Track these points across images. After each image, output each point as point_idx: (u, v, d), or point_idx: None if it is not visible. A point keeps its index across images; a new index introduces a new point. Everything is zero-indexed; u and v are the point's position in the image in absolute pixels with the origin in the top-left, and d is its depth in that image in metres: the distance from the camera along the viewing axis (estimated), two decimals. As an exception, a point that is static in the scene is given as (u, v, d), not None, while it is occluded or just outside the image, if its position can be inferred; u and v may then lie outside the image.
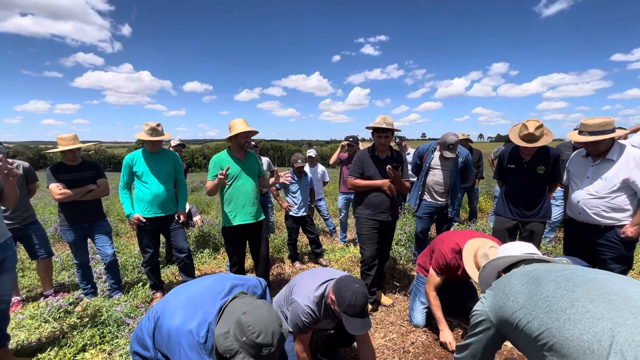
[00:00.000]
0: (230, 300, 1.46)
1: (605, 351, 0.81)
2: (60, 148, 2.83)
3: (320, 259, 4.23)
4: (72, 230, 2.94)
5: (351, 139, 4.70)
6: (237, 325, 1.30)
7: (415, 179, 3.67)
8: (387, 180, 2.77)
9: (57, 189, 2.80)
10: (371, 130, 2.85)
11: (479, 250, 2.15)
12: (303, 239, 5.04)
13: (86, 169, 2.99)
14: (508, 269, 1.37)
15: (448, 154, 3.29)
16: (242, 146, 2.83)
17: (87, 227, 3.01)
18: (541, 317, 0.96)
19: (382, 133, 2.79)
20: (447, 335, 2.37)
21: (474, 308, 1.32)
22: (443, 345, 2.37)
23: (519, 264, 1.33)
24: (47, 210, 7.27)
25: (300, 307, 1.82)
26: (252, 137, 3.14)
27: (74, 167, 2.93)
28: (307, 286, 1.92)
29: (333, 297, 1.77)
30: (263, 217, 2.99)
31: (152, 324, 1.51)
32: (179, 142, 4.39)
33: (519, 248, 1.43)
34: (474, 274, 2.11)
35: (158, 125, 2.94)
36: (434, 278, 2.45)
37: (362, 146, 4.66)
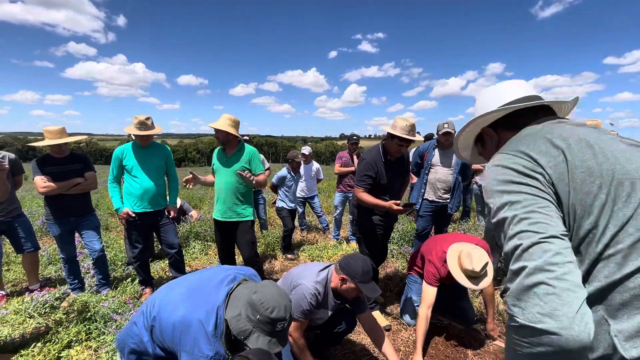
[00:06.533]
0: (236, 287, 1.49)
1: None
2: (46, 142, 2.74)
3: (287, 254, 4.30)
4: (58, 224, 2.88)
5: (355, 137, 4.70)
6: (248, 305, 1.34)
7: (415, 180, 3.67)
8: (392, 203, 2.45)
9: (41, 182, 2.72)
10: (387, 132, 2.54)
11: (462, 253, 2.16)
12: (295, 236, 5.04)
13: (74, 162, 2.91)
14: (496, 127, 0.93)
15: (445, 128, 3.25)
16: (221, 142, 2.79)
17: (73, 222, 2.95)
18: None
19: (404, 142, 2.49)
20: None
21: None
22: None
23: (523, 121, 0.87)
24: (35, 202, 7.12)
25: (307, 288, 1.85)
26: (249, 133, 3.09)
27: (61, 160, 2.85)
28: (309, 272, 1.97)
29: (343, 276, 1.86)
30: (240, 218, 2.86)
31: (149, 319, 1.48)
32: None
33: (516, 88, 0.93)
34: (459, 278, 2.12)
35: (147, 118, 2.87)
36: (429, 293, 2.25)
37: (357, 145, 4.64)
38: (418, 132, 3.55)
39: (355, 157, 4.53)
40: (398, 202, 2.44)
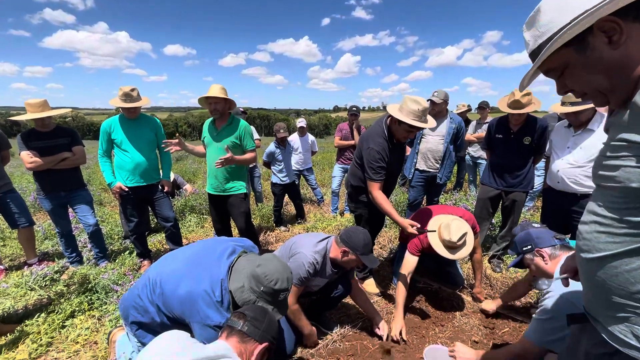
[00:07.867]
0: (236, 259, 1.56)
1: None
2: (28, 116, 2.65)
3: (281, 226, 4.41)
4: (49, 199, 2.86)
5: (354, 109, 4.59)
6: (252, 277, 1.44)
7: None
8: (407, 224, 2.20)
9: (28, 157, 2.67)
10: (389, 116, 2.30)
11: (441, 224, 2.23)
12: (287, 207, 5.09)
13: (60, 136, 2.84)
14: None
15: (433, 97, 3.26)
16: (211, 112, 2.74)
17: (64, 196, 2.93)
18: None
19: (414, 128, 2.22)
20: (397, 323, 2.17)
21: None
22: (391, 337, 2.15)
23: None
24: (24, 178, 7.02)
25: (306, 257, 1.93)
26: (240, 106, 3.02)
27: (47, 134, 2.78)
28: (308, 242, 2.04)
29: (344, 248, 1.94)
30: (232, 192, 2.86)
31: (154, 295, 1.51)
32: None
33: None
34: (438, 248, 2.20)
35: (132, 89, 2.76)
36: (410, 261, 2.35)
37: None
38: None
39: (355, 130, 4.45)
40: (415, 224, 2.19)
